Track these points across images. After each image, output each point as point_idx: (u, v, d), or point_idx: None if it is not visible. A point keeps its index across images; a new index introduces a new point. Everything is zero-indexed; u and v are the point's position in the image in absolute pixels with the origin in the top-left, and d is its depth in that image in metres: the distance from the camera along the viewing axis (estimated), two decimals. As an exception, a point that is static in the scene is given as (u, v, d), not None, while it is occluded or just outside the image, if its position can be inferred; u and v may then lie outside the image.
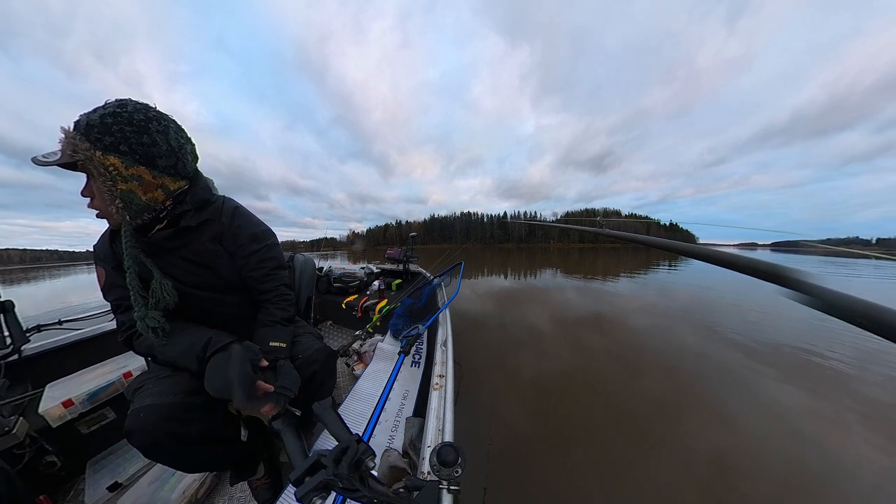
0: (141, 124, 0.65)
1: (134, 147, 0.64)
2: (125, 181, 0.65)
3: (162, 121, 0.69)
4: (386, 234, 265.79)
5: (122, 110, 0.63)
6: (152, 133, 0.66)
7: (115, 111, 0.63)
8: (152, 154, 0.67)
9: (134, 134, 0.64)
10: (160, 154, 0.68)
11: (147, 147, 0.65)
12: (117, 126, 0.62)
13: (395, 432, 1.11)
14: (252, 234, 0.89)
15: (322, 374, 0.93)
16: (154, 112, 0.68)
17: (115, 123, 0.62)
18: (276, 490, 1.01)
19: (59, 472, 1.06)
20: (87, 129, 0.61)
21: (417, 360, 1.53)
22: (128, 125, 0.63)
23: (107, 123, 0.62)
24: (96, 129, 0.61)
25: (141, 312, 0.72)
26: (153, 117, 0.67)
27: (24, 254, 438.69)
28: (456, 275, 2.45)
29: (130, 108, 0.64)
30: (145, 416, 0.69)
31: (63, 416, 1.05)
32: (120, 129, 0.62)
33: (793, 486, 1.41)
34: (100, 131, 0.61)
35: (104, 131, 0.61)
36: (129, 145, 0.63)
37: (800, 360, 2.84)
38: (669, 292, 6.29)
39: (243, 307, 0.92)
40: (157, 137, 0.67)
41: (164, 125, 0.68)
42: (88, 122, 0.62)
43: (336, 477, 0.45)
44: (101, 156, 0.62)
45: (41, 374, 1.21)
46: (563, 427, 1.82)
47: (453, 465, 0.53)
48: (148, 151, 0.66)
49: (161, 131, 0.68)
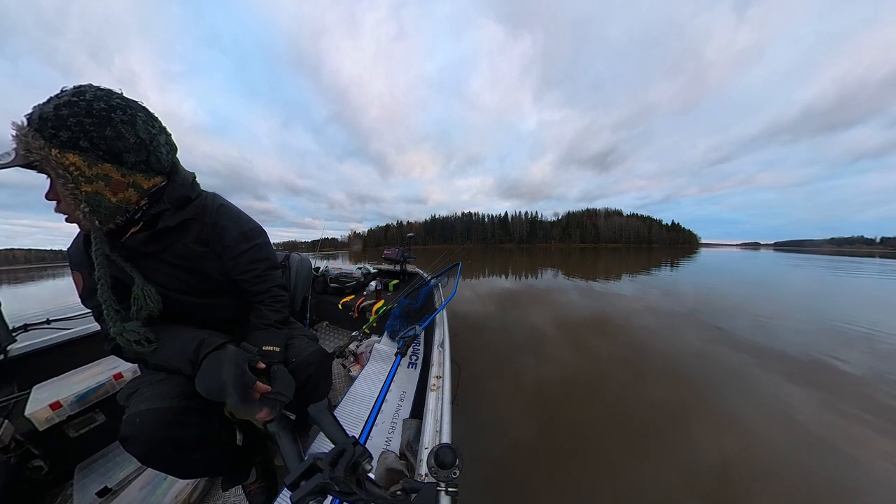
0: (102, 114, 0.56)
1: (96, 142, 0.55)
2: (89, 182, 0.57)
3: (128, 109, 0.59)
4: (387, 234, 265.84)
5: (79, 99, 0.54)
6: (116, 124, 0.57)
7: (70, 100, 0.54)
8: (118, 149, 0.58)
9: (95, 126, 0.55)
10: (128, 148, 0.59)
11: (111, 141, 0.57)
12: (74, 118, 0.53)
13: (392, 434, 1.10)
14: (240, 233, 0.83)
15: (317, 378, 0.91)
16: (118, 99, 0.59)
17: (71, 115, 0.53)
18: (270, 494, 0.99)
19: (45, 477, 1.03)
20: (40, 123, 0.52)
21: (414, 362, 1.52)
22: (87, 116, 0.54)
23: (62, 115, 0.53)
24: (50, 122, 0.52)
25: (117, 328, 0.65)
26: (116, 105, 0.58)
27: (28, 254, 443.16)
28: (453, 275, 2.44)
29: (89, 95, 0.55)
30: (142, 422, 0.66)
31: (50, 419, 1.02)
32: (78, 121, 0.54)
33: (805, 496, 1.36)
34: (54, 125, 0.52)
35: (59, 125, 0.53)
36: (89, 140, 0.55)
37: (810, 362, 2.74)
38: (673, 293, 6.24)
39: (235, 310, 0.89)
40: (122, 129, 0.58)
41: (130, 114, 0.60)
42: (42, 116, 0.53)
43: (332, 480, 0.44)
44: (59, 154, 0.53)
45: (28, 375, 1.17)
46: (564, 432, 1.78)
47: (451, 467, 0.53)
48: (113, 146, 0.57)
49: (127, 121, 0.59)
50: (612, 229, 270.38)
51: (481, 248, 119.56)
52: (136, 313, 0.70)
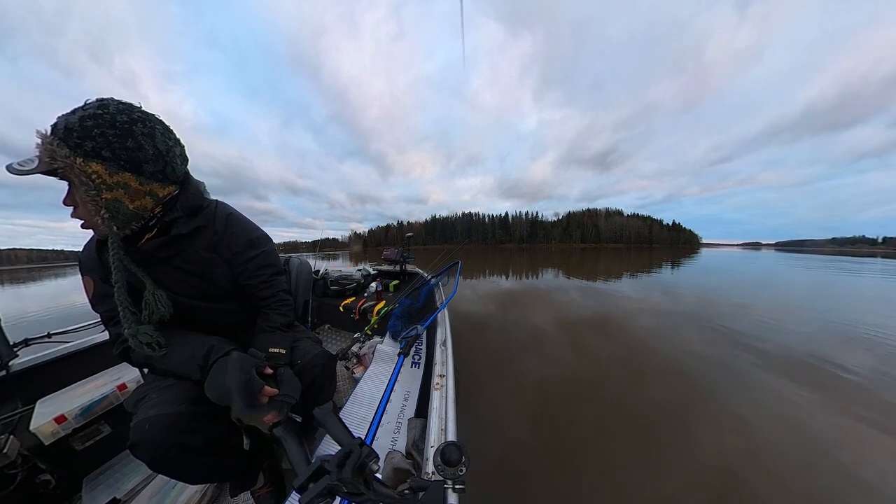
0: (125, 127, 0.60)
1: (118, 152, 0.60)
2: (110, 190, 0.61)
3: (147, 122, 0.64)
4: (387, 234, 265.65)
5: (103, 111, 0.58)
6: (137, 136, 0.61)
7: (95, 112, 0.58)
8: (138, 159, 0.62)
9: (117, 138, 0.59)
10: (147, 159, 0.63)
11: (132, 152, 0.61)
12: (98, 129, 0.57)
13: (398, 434, 1.10)
14: (248, 240, 0.87)
15: (322, 379, 0.92)
16: (139, 113, 0.63)
17: (95, 126, 0.57)
18: (279, 498, 1.00)
19: (53, 491, 1.03)
20: (65, 133, 0.56)
21: (417, 361, 1.53)
22: (110, 128, 0.58)
23: (87, 127, 0.57)
24: (76, 133, 0.56)
25: (132, 329, 0.68)
26: (138, 119, 0.62)
27: (30, 254, 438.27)
28: (453, 274, 2.45)
29: (112, 108, 0.60)
30: (151, 428, 0.66)
31: (56, 433, 1.02)
32: (102, 132, 0.58)
33: (809, 496, 1.34)
34: (79, 136, 0.56)
35: (84, 136, 0.57)
36: (112, 150, 0.59)
37: (814, 363, 2.71)
38: (674, 293, 6.23)
39: (242, 315, 0.91)
40: (142, 141, 0.62)
41: (149, 127, 0.64)
42: (67, 126, 0.57)
43: (340, 482, 0.45)
44: (83, 163, 0.57)
45: (31, 389, 1.17)
46: (564, 432, 1.78)
47: (457, 464, 0.53)
48: (133, 156, 0.61)
49: (147, 134, 0.63)
50: (612, 229, 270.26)
51: (482, 248, 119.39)
52: (147, 317, 0.72)
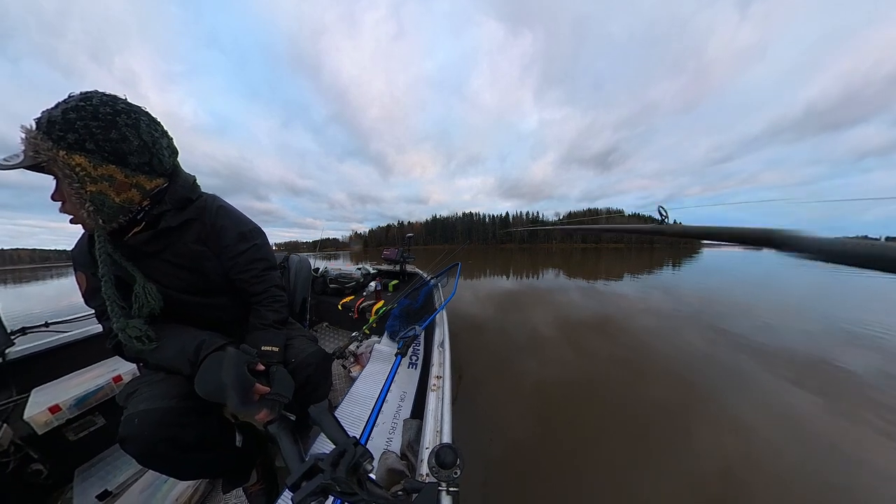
0: (108, 118, 0.59)
1: (101, 144, 0.59)
2: (94, 182, 0.60)
3: (132, 113, 0.63)
4: (388, 234, 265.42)
5: (86, 104, 0.58)
6: (121, 127, 0.61)
7: (78, 105, 0.58)
8: (122, 151, 0.62)
9: (100, 129, 0.58)
10: (131, 150, 0.63)
11: (116, 143, 0.60)
12: (81, 122, 0.57)
13: (393, 434, 1.10)
14: (239, 233, 0.85)
15: (316, 378, 0.91)
16: (123, 104, 0.62)
17: (78, 119, 0.57)
18: (271, 496, 0.99)
19: (45, 480, 1.02)
20: (48, 126, 0.56)
21: (414, 362, 1.52)
22: (93, 120, 0.58)
23: (69, 119, 0.56)
24: (58, 125, 0.56)
25: (121, 324, 0.68)
26: (121, 110, 0.62)
27: (33, 253, 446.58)
28: (453, 275, 2.45)
29: (96, 100, 0.59)
30: (140, 422, 0.66)
31: (49, 423, 1.02)
32: (84, 124, 0.57)
33: (809, 499, 1.34)
34: (62, 128, 0.56)
35: (67, 128, 0.56)
36: (95, 142, 0.58)
37: (816, 364, 2.69)
38: (675, 293, 6.22)
39: (234, 310, 0.90)
40: (126, 132, 0.61)
41: (133, 118, 0.63)
42: (50, 119, 0.56)
43: (333, 481, 0.44)
44: (66, 155, 0.57)
45: (26, 378, 1.17)
46: (564, 433, 1.78)
47: (452, 467, 0.53)
48: (117, 148, 0.61)
49: (131, 125, 0.62)
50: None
51: (482, 248, 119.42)
52: (137, 311, 0.71)
